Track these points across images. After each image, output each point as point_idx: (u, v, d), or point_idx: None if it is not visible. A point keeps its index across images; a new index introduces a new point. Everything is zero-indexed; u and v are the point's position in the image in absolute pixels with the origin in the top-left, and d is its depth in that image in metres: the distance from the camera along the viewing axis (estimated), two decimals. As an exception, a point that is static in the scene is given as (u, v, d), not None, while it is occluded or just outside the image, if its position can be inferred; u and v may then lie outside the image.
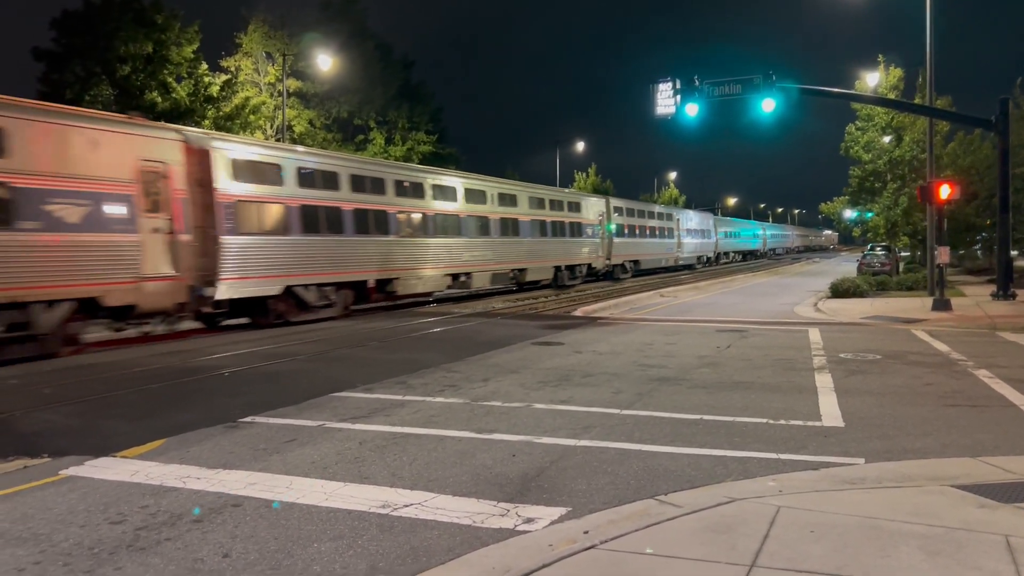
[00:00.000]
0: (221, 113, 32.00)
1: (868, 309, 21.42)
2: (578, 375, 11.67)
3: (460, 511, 5.73)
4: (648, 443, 7.60)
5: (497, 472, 6.71)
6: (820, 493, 5.76)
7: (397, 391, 10.56)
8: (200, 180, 17.90)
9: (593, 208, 41.18)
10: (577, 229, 38.06)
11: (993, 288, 23.80)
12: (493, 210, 30.18)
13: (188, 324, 18.43)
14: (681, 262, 57.91)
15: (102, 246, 15.38)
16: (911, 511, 5.21)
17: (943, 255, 21.16)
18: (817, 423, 8.37)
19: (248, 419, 8.95)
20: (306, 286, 20.78)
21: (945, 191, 20.89)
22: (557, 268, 35.53)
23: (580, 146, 73.85)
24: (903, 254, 39.57)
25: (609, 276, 43.19)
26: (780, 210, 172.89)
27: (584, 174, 75.49)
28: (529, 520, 5.52)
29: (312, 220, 21.07)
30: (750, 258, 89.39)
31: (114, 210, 15.67)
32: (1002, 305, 21.41)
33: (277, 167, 20.47)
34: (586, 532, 5.04)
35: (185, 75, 30.64)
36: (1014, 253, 30.13)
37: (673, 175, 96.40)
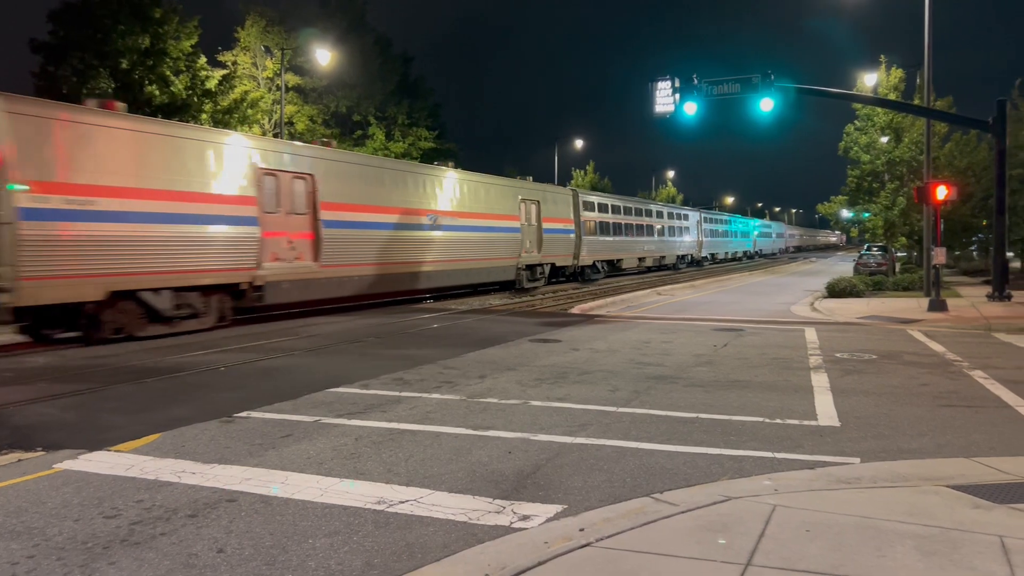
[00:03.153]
0: (219, 107, 31.92)
1: (864, 309, 21.44)
2: (575, 372, 11.66)
3: (456, 508, 5.72)
4: (644, 441, 7.60)
5: (493, 469, 6.71)
6: (815, 492, 5.76)
7: (393, 387, 10.55)
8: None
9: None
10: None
11: (989, 289, 23.85)
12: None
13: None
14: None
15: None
16: (906, 511, 5.22)
17: (939, 255, 21.20)
18: (813, 422, 8.38)
19: (244, 414, 8.94)
20: None
21: (942, 192, 20.91)
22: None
23: (579, 144, 73.98)
24: (899, 254, 39.61)
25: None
26: (778, 209, 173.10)
27: (583, 171, 75.52)
28: (525, 517, 5.52)
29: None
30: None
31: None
32: (997, 306, 21.45)
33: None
34: (582, 530, 5.04)
35: (183, 69, 30.56)
36: (1010, 255, 30.21)
37: (671, 174, 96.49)
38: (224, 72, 34.37)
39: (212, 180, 18.01)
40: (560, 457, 7.07)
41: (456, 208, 28.16)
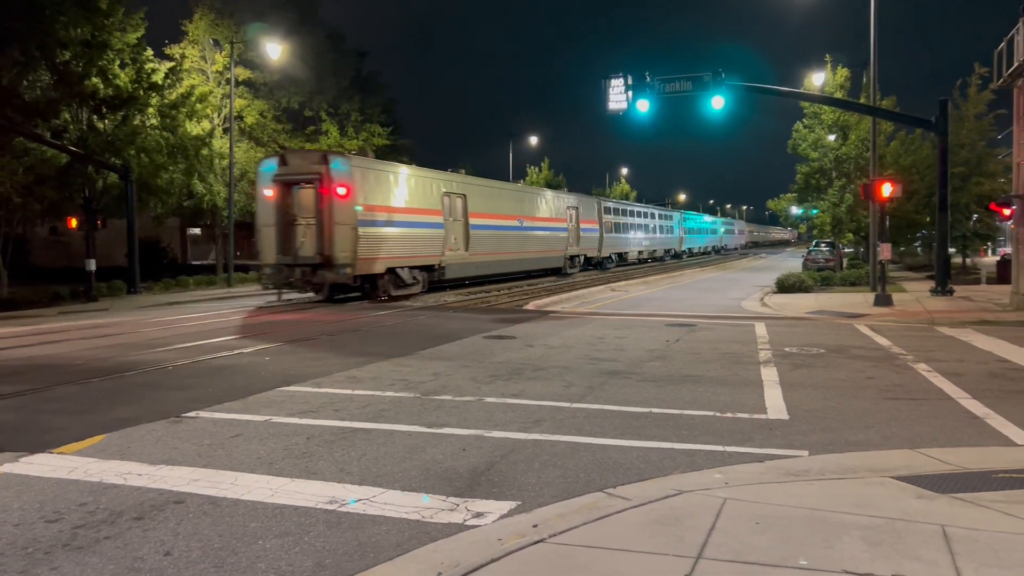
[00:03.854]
0: (166, 101, 31.22)
1: (813, 304, 21.85)
2: (529, 369, 11.68)
3: (409, 506, 5.68)
4: (598, 436, 7.64)
5: (447, 466, 6.68)
6: (765, 485, 5.85)
7: (346, 385, 10.45)
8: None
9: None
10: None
11: (932, 284, 24.50)
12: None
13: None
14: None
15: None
16: (853, 502, 5.32)
17: (885, 251, 21.71)
18: (763, 416, 8.51)
19: (192, 414, 8.77)
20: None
21: (887, 189, 21.39)
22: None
23: (534, 140, 74.07)
24: (847, 250, 40.44)
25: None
26: (729, 206, 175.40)
27: (537, 168, 75.62)
28: (479, 514, 5.50)
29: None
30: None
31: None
32: (940, 301, 22.03)
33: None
34: (535, 526, 5.04)
35: (128, 61, 29.79)
36: (952, 250, 31.01)
37: (625, 171, 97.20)
38: (171, 65, 33.60)
39: (427, 201, 27.87)
40: (514, 453, 7.07)
41: (531, 214, 37.69)
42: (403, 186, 26.38)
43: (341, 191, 23.09)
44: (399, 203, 25.86)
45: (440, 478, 6.36)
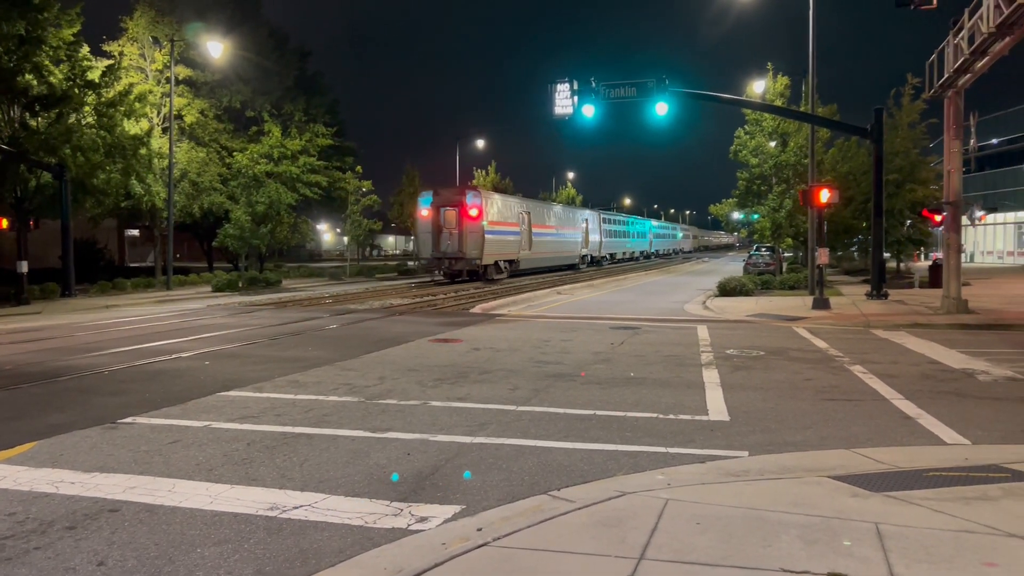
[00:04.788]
0: (103, 99, 30.36)
1: (753, 307, 22.27)
2: (475, 372, 11.67)
3: (352, 512, 5.62)
4: (543, 439, 7.67)
5: (391, 471, 6.63)
6: (706, 486, 5.94)
7: (289, 390, 10.30)
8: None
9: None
10: None
11: (868, 288, 25.15)
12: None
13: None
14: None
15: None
16: (791, 501, 5.43)
17: (823, 256, 22.22)
18: (704, 417, 8.64)
19: (129, 420, 8.55)
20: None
21: (825, 195, 21.91)
22: None
23: (480, 144, 74.06)
24: (786, 255, 41.31)
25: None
26: (672, 210, 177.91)
27: (484, 172, 75.60)
28: (422, 519, 5.47)
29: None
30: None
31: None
32: (876, 304, 22.65)
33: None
34: (479, 529, 5.03)
35: (64, 58, 28.93)
36: (887, 255, 31.89)
37: (571, 175, 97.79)
38: (109, 63, 32.71)
39: (513, 217, 42.49)
40: (459, 457, 7.05)
41: (564, 225, 53.71)
42: (503, 208, 41.82)
43: (473, 212, 38.09)
44: (501, 219, 40.81)
45: (384, 483, 6.31)
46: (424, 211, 39.06)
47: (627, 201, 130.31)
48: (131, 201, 35.17)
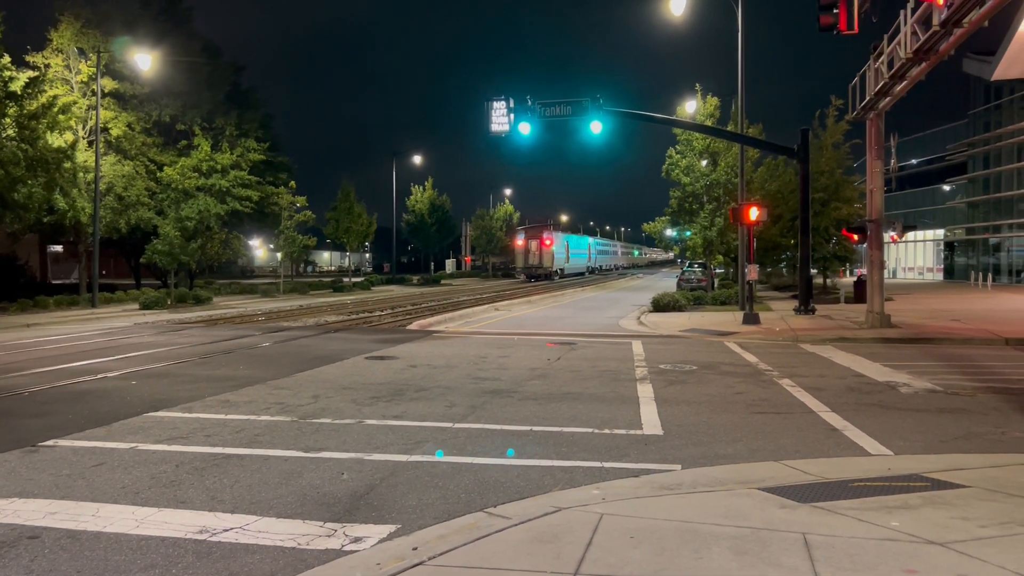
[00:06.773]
0: (25, 112, 29.33)
1: (686, 322, 22.67)
2: (412, 389, 11.60)
3: (284, 533, 5.52)
4: (480, 456, 7.66)
5: (325, 491, 6.53)
6: (640, 499, 6.01)
7: (219, 410, 10.08)
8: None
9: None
10: None
11: (796, 303, 25.85)
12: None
13: None
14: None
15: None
16: (722, 513, 5.54)
17: (752, 272, 22.80)
18: (638, 431, 8.74)
19: (50, 442, 8.25)
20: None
21: (754, 213, 22.50)
22: None
23: (418, 160, 74.02)
24: (718, 271, 42.16)
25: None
26: (608, 227, 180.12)
27: (421, 187, 75.47)
28: (357, 539, 5.41)
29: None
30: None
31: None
32: (803, 319, 23.30)
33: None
34: (415, 548, 5.00)
35: (-17, 69, 27.92)
36: (814, 271, 32.80)
37: (508, 192, 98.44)
38: (33, 75, 31.66)
39: (562, 242, 78.01)
40: (395, 476, 6.99)
41: (580, 247, 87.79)
42: (558, 237, 74.14)
43: (548, 242, 70.92)
44: (558, 245, 72.67)
45: (318, 503, 6.22)
46: (519, 240, 72.65)
47: (563, 217, 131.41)
48: (54, 216, 33.98)
